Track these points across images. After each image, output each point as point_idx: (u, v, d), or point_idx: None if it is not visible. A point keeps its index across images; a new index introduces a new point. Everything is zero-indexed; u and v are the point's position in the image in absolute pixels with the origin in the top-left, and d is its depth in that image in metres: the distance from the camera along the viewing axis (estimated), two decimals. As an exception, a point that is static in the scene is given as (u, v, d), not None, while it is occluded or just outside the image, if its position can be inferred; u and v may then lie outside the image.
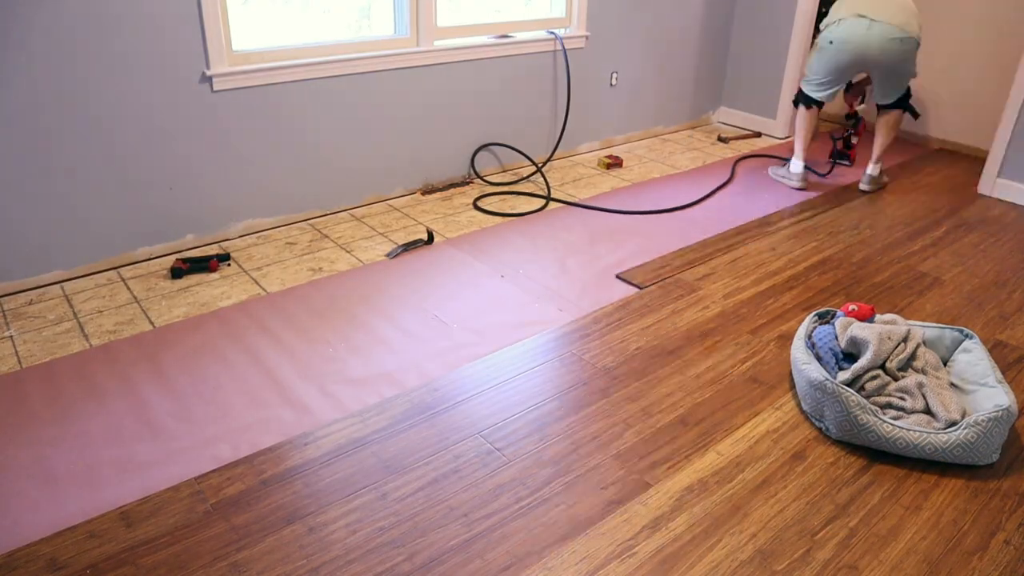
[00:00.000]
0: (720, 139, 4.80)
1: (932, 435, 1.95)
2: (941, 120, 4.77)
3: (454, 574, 1.62)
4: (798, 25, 4.59)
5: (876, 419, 2.00)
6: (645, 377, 2.33)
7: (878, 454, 2.02)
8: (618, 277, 2.94)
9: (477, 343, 2.48)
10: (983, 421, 1.93)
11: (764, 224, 3.51)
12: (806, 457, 2.01)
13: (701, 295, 2.83)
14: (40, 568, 1.60)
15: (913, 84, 4.83)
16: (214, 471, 1.89)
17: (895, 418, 2.04)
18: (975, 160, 4.54)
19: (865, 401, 2.03)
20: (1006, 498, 1.88)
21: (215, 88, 2.89)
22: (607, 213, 3.56)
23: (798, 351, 2.24)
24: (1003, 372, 2.40)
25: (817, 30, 4.99)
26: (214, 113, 2.94)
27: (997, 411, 1.93)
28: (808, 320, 2.37)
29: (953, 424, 1.98)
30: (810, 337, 2.31)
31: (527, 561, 1.66)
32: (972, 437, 1.93)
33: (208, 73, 2.85)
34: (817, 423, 2.13)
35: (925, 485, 1.92)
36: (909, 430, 1.97)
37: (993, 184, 3.94)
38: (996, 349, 2.53)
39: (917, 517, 1.82)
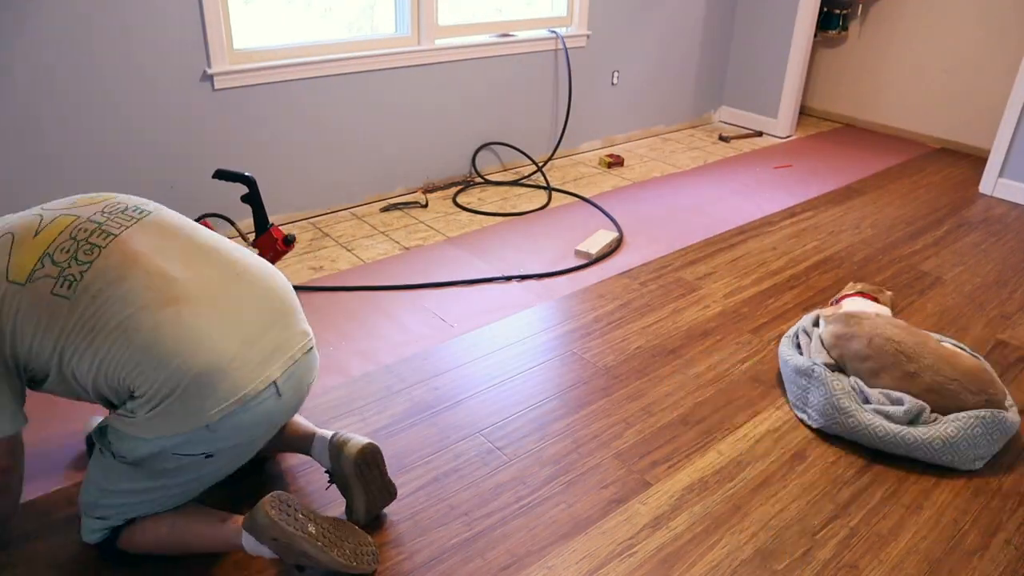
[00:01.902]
0: (721, 138, 4.79)
1: (911, 429, 1.94)
2: (942, 119, 4.76)
3: (454, 573, 1.62)
4: (800, 24, 4.59)
5: (857, 405, 2.00)
6: (646, 376, 2.32)
7: (878, 454, 2.02)
8: (620, 275, 2.94)
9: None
10: (963, 417, 1.93)
11: (765, 223, 3.51)
12: (807, 456, 2.01)
13: (702, 294, 2.83)
14: (40, 566, 1.60)
15: (910, 86, 4.83)
16: (215, 469, 1.89)
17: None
18: (977, 159, 4.54)
19: (849, 388, 2.04)
20: (1007, 498, 1.88)
21: (216, 87, 2.89)
22: (611, 210, 3.56)
23: (783, 346, 2.28)
24: (1004, 371, 2.40)
25: (823, 28, 4.99)
26: (215, 111, 2.94)
27: (985, 412, 1.93)
28: (802, 321, 2.36)
29: (919, 413, 1.97)
30: (797, 336, 2.32)
31: (527, 560, 1.66)
32: (953, 432, 1.92)
33: (209, 71, 2.85)
34: (800, 413, 2.13)
35: (926, 485, 1.92)
36: (889, 417, 1.97)
37: (995, 183, 3.94)
38: (997, 349, 2.53)
39: (918, 517, 1.82)
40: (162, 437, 1.40)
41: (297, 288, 2.76)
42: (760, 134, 4.94)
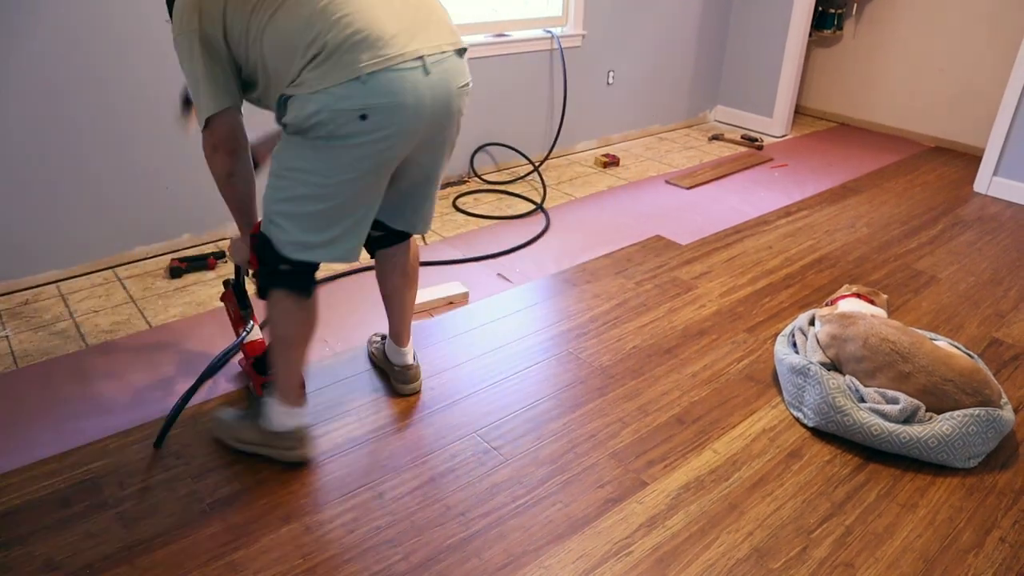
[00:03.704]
0: (714, 138, 4.79)
1: (907, 428, 1.95)
2: (937, 118, 4.77)
3: (451, 573, 1.62)
4: (795, 22, 4.59)
5: (853, 404, 2.01)
6: (641, 376, 2.33)
7: (874, 452, 2.02)
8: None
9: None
10: (959, 416, 1.94)
11: (761, 222, 3.51)
12: (802, 455, 2.01)
13: (698, 293, 2.83)
14: (37, 568, 1.60)
15: (905, 85, 4.84)
16: (212, 470, 1.88)
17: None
18: (971, 158, 4.55)
19: (844, 386, 2.04)
20: (1001, 496, 1.89)
21: (211, 87, 2.88)
22: (607, 210, 3.56)
23: (779, 345, 2.29)
24: (999, 370, 2.40)
25: (818, 27, 4.99)
26: (210, 112, 2.93)
27: (979, 411, 1.94)
28: (798, 320, 2.37)
29: (914, 412, 1.98)
30: (793, 335, 2.33)
31: (524, 560, 1.66)
32: (948, 430, 1.92)
33: (204, 72, 2.84)
34: (796, 412, 2.14)
35: (921, 483, 1.92)
36: (884, 415, 1.98)
37: (989, 182, 3.95)
38: (992, 347, 2.54)
39: (913, 515, 1.82)
40: (321, 92, 1.52)
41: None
42: (759, 146, 4.93)
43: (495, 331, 2.54)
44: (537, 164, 4.07)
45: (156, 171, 2.87)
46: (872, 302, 2.39)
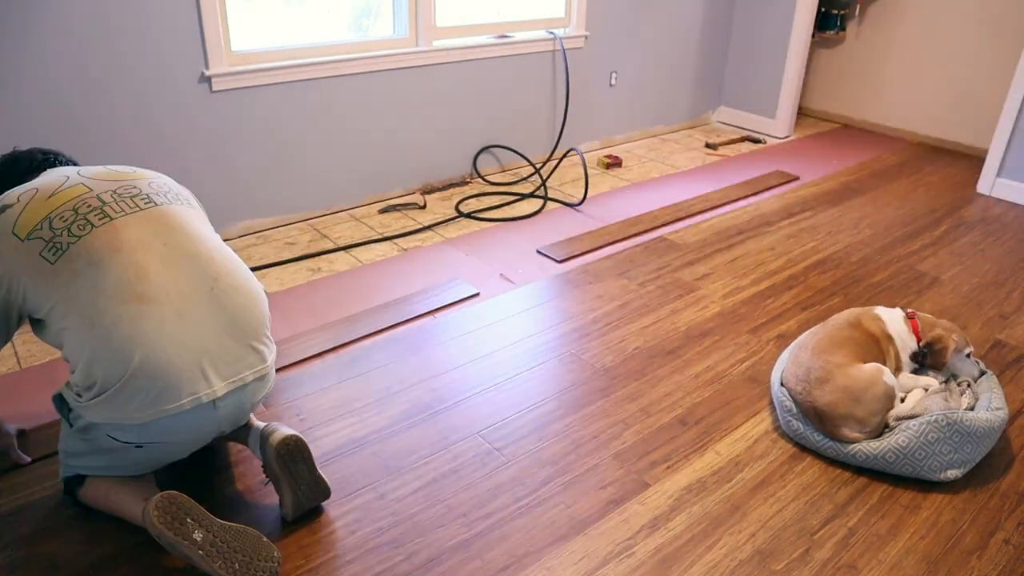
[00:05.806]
0: (708, 145, 4.67)
1: (862, 446, 1.91)
2: (940, 119, 4.77)
3: (453, 574, 1.62)
4: (797, 24, 4.59)
5: (805, 427, 2.01)
6: (644, 377, 2.33)
7: (877, 453, 2.02)
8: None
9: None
10: (915, 425, 1.88)
11: (764, 223, 3.51)
12: (805, 456, 2.01)
13: (700, 295, 2.83)
14: (41, 568, 1.60)
15: (908, 86, 4.83)
16: (216, 471, 1.89)
17: None
18: (974, 159, 4.54)
19: (796, 408, 2.03)
20: (1005, 497, 1.88)
21: (214, 88, 2.89)
22: (606, 211, 3.56)
23: (775, 372, 2.24)
24: (1001, 371, 2.40)
25: (821, 29, 4.99)
26: (213, 113, 2.94)
27: (937, 416, 1.86)
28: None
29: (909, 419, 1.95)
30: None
31: (526, 561, 1.66)
32: (904, 442, 1.86)
33: (207, 73, 2.85)
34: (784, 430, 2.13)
35: (924, 484, 1.92)
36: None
37: (992, 183, 3.94)
38: (995, 349, 2.53)
39: (916, 516, 1.82)
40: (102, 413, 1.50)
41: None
42: (757, 140, 4.92)
43: (497, 332, 2.54)
44: (539, 165, 4.08)
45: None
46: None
